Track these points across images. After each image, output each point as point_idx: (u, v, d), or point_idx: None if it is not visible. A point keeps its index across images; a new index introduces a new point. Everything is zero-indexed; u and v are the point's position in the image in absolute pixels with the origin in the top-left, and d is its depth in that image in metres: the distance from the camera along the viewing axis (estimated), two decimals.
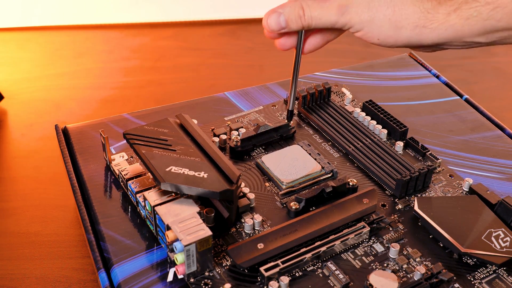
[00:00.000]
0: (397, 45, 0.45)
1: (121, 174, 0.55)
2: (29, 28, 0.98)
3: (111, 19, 1.01)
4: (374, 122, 0.63)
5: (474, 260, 0.50)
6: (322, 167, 0.57)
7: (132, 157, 0.58)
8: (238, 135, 0.61)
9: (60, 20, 1.00)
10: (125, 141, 0.58)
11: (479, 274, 0.49)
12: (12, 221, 0.64)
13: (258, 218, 0.52)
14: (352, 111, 0.65)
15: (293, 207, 0.53)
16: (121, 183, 0.56)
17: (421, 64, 0.75)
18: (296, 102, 0.67)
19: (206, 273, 0.48)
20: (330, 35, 0.51)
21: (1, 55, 0.92)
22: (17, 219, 0.64)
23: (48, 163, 0.71)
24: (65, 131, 0.62)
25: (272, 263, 0.48)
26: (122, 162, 0.56)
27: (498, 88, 0.91)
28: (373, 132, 0.62)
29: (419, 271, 0.47)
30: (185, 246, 0.45)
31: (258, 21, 1.07)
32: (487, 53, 0.99)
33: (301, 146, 0.60)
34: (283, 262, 0.48)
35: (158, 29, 1.00)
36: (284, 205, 0.54)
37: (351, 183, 0.55)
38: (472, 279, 0.48)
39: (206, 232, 0.46)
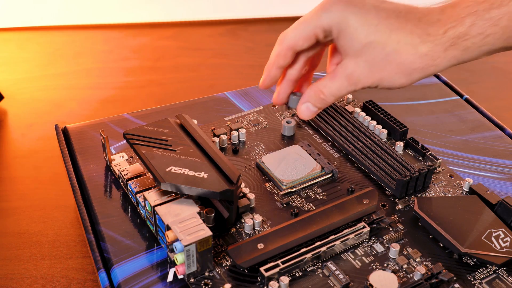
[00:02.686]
0: (412, 83, 0.47)
1: (121, 174, 0.55)
2: (29, 28, 0.98)
3: (111, 19, 1.01)
4: (374, 122, 0.63)
5: (474, 260, 0.50)
6: (322, 167, 0.57)
7: (132, 157, 0.58)
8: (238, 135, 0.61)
9: (60, 20, 1.00)
10: (125, 141, 0.58)
11: (479, 274, 0.49)
12: (12, 221, 0.64)
13: (258, 218, 0.52)
14: (352, 111, 0.65)
15: None
16: (121, 183, 0.56)
17: None
18: None
19: (206, 273, 0.48)
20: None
21: (1, 55, 0.92)
22: (17, 219, 0.64)
23: (48, 163, 0.71)
24: (65, 131, 0.62)
25: (272, 263, 0.48)
26: (122, 162, 0.56)
27: (498, 88, 0.91)
28: (373, 132, 0.62)
29: (419, 271, 0.47)
30: (185, 246, 0.45)
31: (258, 21, 1.07)
32: None
33: (301, 146, 0.60)
34: (283, 262, 0.48)
35: (158, 29, 1.00)
36: (284, 205, 0.54)
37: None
38: (472, 279, 0.48)
39: (206, 232, 0.46)
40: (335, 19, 0.45)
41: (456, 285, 0.48)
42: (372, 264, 0.49)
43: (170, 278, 0.48)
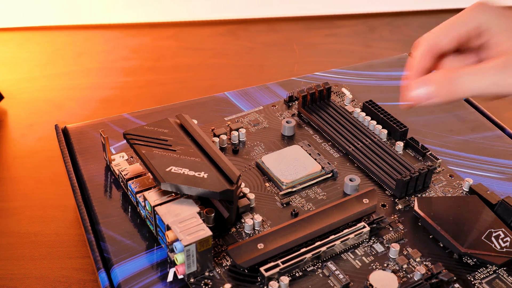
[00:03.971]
0: None
1: (121, 174, 0.55)
2: (29, 28, 0.98)
3: (111, 19, 1.01)
4: (374, 122, 0.63)
5: (474, 260, 0.50)
6: (322, 167, 0.57)
7: (132, 157, 0.58)
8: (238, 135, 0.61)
9: (60, 20, 1.00)
10: (125, 141, 0.58)
11: (479, 274, 0.49)
12: (12, 221, 0.64)
13: (258, 218, 0.52)
14: (352, 111, 0.65)
15: None
16: (121, 183, 0.56)
17: None
18: (296, 102, 0.67)
19: (206, 273, 0.48)
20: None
21: (1, 55, 0.92)
22: (17, 219, 0.64)
23: (48, 163, 0.71)
24: (65, 131, 0.62)
25: (272, 263, 0.48)
26: (122, 162, 0.56)
27: None
28: (373, 132, 0.62)
29: (419, 271, 0.47)
30: (185, 246, 0.45)
31: (258, 21, 1.07)
32: None
33: (301, 146, 0.60)
34: (283, 262, 0.48)
35: (158, 29, 1.00)
36: (284, 205, 0.54)
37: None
38: (472, 279, 0.48)
39: (206, 232, 0.46)
40: (484, 18, 0.40)
41: (456, 285, 0.48)
42: (372, 264, 0.49)
43: (170, 278, 0.48)
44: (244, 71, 0.91)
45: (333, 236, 0.50)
